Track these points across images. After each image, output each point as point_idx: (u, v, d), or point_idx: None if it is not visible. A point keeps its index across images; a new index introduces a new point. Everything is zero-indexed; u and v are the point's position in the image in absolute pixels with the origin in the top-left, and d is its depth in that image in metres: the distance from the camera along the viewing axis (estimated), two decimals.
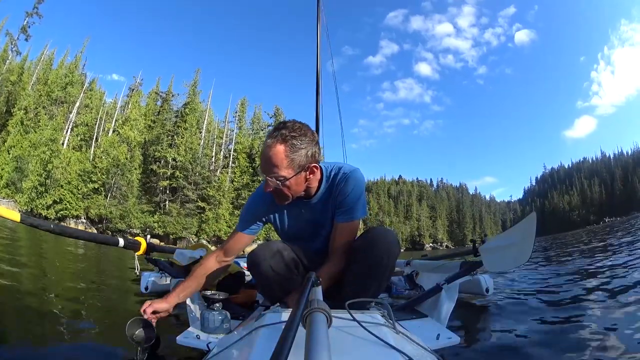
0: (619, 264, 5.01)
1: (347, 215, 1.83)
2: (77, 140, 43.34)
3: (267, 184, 1.69)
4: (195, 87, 52.27)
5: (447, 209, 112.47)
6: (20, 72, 41.62)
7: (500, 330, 2.22)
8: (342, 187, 1.82)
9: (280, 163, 1.62)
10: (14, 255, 5.36)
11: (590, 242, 12.33)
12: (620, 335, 1.89)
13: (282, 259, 1.81)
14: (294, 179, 1.66)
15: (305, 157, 1.66)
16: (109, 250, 8.63)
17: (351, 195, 1.81)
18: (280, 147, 1.61)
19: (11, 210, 2.02)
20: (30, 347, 1.72)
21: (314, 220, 1.93)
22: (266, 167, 1.66)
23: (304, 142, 1.65)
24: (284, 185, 1.66)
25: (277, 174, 1.64)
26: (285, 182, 1.65)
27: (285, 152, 1.62)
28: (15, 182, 35.03)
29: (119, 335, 2.18)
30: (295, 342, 0.58)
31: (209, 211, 46.34)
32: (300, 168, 1.66)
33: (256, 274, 1.84)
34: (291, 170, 1.64)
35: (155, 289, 2.94)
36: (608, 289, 3.21)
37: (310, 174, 1.72)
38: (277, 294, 1.73)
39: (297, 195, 1.76)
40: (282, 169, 1.63)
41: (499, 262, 2.30)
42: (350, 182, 1.82)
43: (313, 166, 1.71)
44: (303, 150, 1.65)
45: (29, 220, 2.15)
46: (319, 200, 1.87)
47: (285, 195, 1.71)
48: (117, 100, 52.07)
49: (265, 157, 1.66)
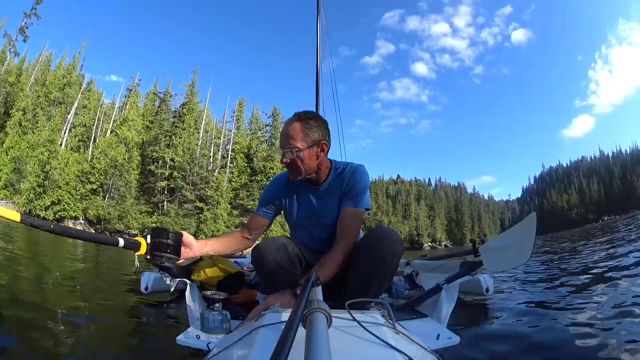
0: (622, 263, 5.01)
1: (354, 201, 1.99)
2: (75, 141, 43.21)
3: (284, 156, 1.90)
4: (193, 87, 52.24)
5: (445, 208, 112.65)
6: (18, 73, 41.62)
7: (500, 330, 2.22)
8: (351, 175, 2.01)
9: (296, 136, 1.87)
10: (13, 255, 5.35)
11: (591, 240, 12.32)
12: (620, 336, 1.89)
13: (286, 252, 1.88)
14: (307, 152, 1.89)
15: (317, 134, 1.92)
16: (107, 250, 8.62)
17: (360, 184, 2.00)
18: (297, 123, 1.90)
19: (11, 211, 2.01)
20: (30, 346, 1.72)
21: (319, 208, 2.08)
22: (284, 141, 1.91)
23: (317, 122, 1.94)
24: (298, 157, 1.87)
25: (292, 145, 1.87)
26: (299, 153, 1.87)
27: (301, 128, 1.88)
28: (13, 183, 34.97)
29: (119, 335, 2.19)
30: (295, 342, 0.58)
31: (207, 211, 46.29)
32: (313, 143, 1.90)
33: (260, 267, 1.90)
34: (305, 144, 1.88)
35: (155, 288, 2.94)
36: (610, 289, 3.21)
37: (321, 150, 1.95)
38: (279, 289, 1.75)
39: (310, 172, 1.96)
40: (298, 141, 1.87)
41: (499, 262, 2.31)
42: (359, 172, 2.03)
43: (323, 143, 1.95)
44: (315, 129, 1.91)
45: (28, 220, 2.14)
46: (326, 188, 2.05)
47: (298, 167, 1.90)
48: (115, 101, 52.00)
49: (283, 131, 1.93)
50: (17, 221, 2.03)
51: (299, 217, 2.14)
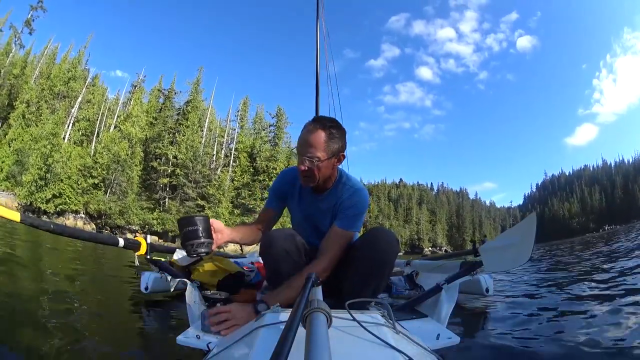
0: (622, 268, 5.01)
1: (346, 222, 1.98)
2: (78, 135, 43.19)
3: (302, 162, 1.90)
4: (197, 85, 52.18)
5: (447, 213, 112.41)
6: (23, 65, 41.59)
7: (500, 330, 2.23)
8: (349, 195, 2.01)
9: (319, 145, 1.87)
10: (12, 255, 5.35)
11: (592, 247, 12.32)
12: (620, 336, 1.90)
13: (294, 242, 1.91)
14: (325, 162, 1.90)
15: (337, 145, 1.93)
16: (106, 250, 8.60)
17: (355, 207, 2.00)
18: (321, 132, 1.88)
19: (11, 210, 2.02)
20: (30, 347, 1.72)
21: (315, 215, 2.14)
22: (305, 148, 1.89)
23: (339, 132, 1.94)
24: (317, 166, 1.88)
25: (313, 154, 1.87)
26: (318, 162, 1.88)
27: (324, 138, 1.88)
28: (15, 175, 34.97)
29: (118, 335, 2.20)
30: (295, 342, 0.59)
31: (209, 210, 46.15)
32: (333, 154, 1.92)
33: (268, 254, 1.91)
34: (325, 154, 1.88)
35: (155, 288, 2.94)
36: (609, 292, 3.23)
37: (337, 161, 1.98)
38: (284, 278, 1.80)
39: (323, 179, 1.98)
40: (319, 150, 1.87)
41: (499, 263, 2.32)
42: (358, 195, 2.02)
43: (342, 154, 1.98)
44: (337, 139, 1.92)
45: (28, 220, 2.16)
46: (325, 199, 2.08)
47: (314, 176, 1.92)
48: (119, 97, 52.05)
49: (305, 138, 1.90)
50: (17, 221, 2.04)
51: (298, 215, 2.21)
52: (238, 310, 1.54)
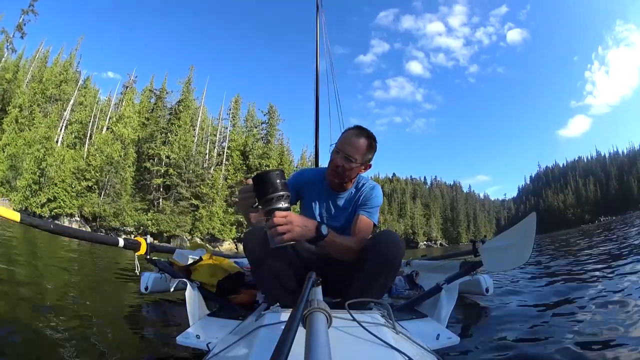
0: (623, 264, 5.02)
1: (368, 212, 2.18)
2: (71, 138, 42.86)
3: (339, 159, 2.09)
4: (189, 84, 51.76)
5: (441, 207, 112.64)
6: (15, 70, 41.23)
7: (500, 330, 2.22)
8: (369, 190, 2.25)
9: (360, 151, 2.09)
10: (10, 255, 5.33)
11: (592, 241, 12.35)
12: (620, 335, 1.90)
13: None
14: (357, 166, 2.11)
15: (371, 155, 2.18)
16: (105, 250, 8.58)
17: (375, 200, 2.23)
18: (366, 140, 2.12)
19: (11, 210, 2.01)
20: (29, 347, 1.72)
21: (333, 212, 2.31)
22: (348, 148, 2.09)
23: (375, 148, 2.18)
24: (351, 167, 2.09)
25: (352, 155, 2.07)
26: (353, 165, 2.08)
27: (366, 146, 2.11)
28: (9, 180, 34.74)
29: (118, 335, 2.20)
30: (295, 342, 0.58)
31: (203, 209, 46.01)
32: (365, 162, 2.16)
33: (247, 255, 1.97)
34: (361, 159, 2.11)
35: (155, 288, 2.94)
36: (610, 289, 3.22)
37: (365, 169, 2.21)
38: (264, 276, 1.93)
39: (348, 179, 2.19)
40: (359, 155, 2.09)
41: (499, 263, 2.33)
42: (376, 190, 2.27)
43: (369, 165, 2.22)
44: (372, 152, 2.17)
45: (28, 220, 2.15)
46: (344, 197, 2.28)
47: (344, 175, 2.13)
48: (111, 98, 51.57)
49: (351, 140, 2.11)
50: (17, 221, 2.04)
51: (316, 213, 2.32)
52: (296, 218, 1.50)
